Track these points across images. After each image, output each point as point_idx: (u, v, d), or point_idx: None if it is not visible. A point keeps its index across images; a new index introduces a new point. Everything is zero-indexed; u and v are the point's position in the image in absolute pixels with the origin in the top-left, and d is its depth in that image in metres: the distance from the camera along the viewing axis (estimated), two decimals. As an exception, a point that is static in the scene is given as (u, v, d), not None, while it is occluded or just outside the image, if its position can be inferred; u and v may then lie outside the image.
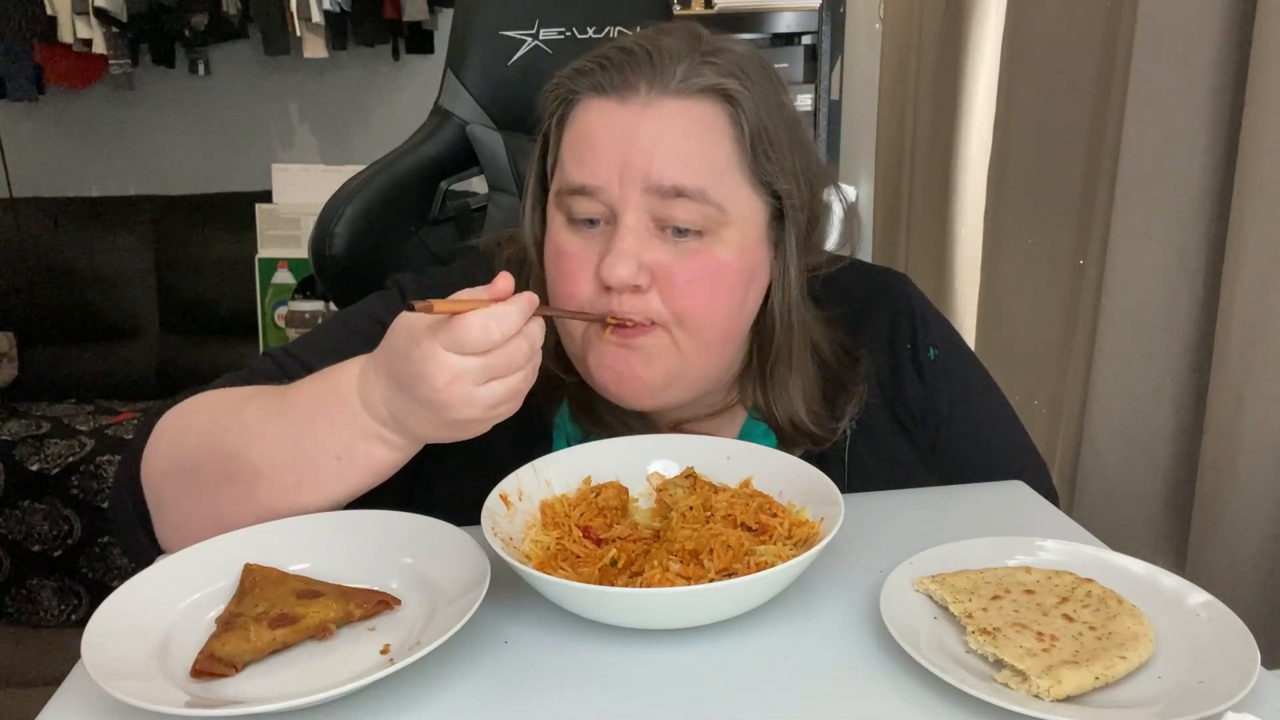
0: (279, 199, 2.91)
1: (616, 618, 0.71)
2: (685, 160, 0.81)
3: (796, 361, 0.91)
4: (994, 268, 1.93)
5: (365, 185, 1.31)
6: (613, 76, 0.83)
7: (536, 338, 0.72)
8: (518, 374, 0.71)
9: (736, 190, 0.84)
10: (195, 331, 3.10)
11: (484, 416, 0.72)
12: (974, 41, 2.11)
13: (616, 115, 0.82)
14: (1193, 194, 1.38)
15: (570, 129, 0.86)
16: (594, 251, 0.83)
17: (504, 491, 0.81)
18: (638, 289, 0.82)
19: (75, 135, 3.28)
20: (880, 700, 0.65)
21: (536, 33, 1.36)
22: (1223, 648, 0.66)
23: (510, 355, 0.70)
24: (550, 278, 0.87)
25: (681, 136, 0.82)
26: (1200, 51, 1.34)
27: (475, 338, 0.68)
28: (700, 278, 0.82)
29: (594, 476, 0.86)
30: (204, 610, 0.73)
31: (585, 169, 0.83)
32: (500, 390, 0.71)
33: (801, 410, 0.92)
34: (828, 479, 0.80)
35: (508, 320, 0.69)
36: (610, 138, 0.82)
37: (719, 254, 0.83)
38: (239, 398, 0.83)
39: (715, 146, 0.83)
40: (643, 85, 0.82)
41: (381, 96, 3.27)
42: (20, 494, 2.53)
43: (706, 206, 0.82)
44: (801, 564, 0.71)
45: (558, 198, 0.86)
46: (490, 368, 0.69)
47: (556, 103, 0.87)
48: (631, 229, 0.81)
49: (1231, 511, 1.32)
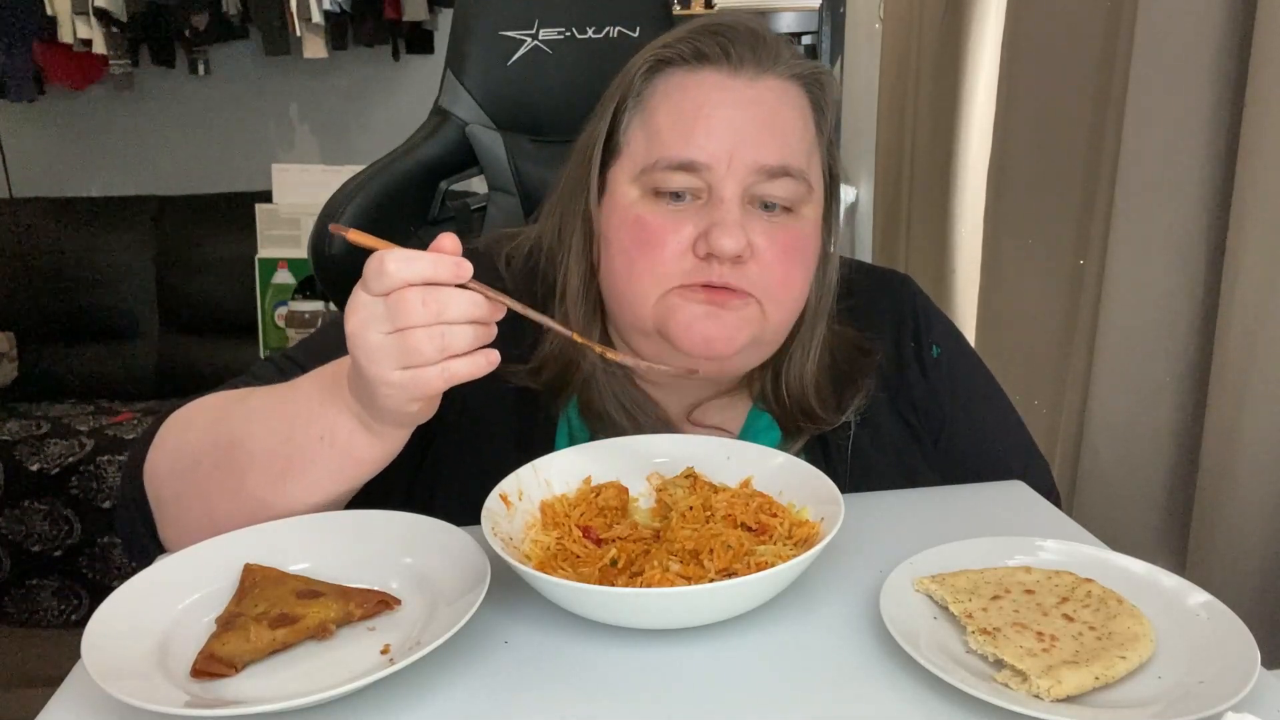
0: (279, 199, 2.91)
1: (616, 618, 0.71)
2: (790, 141, 0.85)
3: (814, 343, 0.93)
4: (994, 268, 1.93)
5: (365, 185, 1.31)
6: (723, 47, 0.84)
7: (457, 307, 0.66)
8: (425, 334, 0.65)
9: (816, 172, 0.88)
10: (195, 331, 3.10)
11: (397, 380, 0.67)
12: (974, 41, 2.11)
13: (728, 89, 0.84)
14: (1193, 194, 1.38)
15: (667, 100, 0.85)
16: (684, 223, 0.83)
17: (504, 491, 0.81)
18: (739, 259, 0.83)
19: (75, 135, 3.28)
20: (880, 700, 0.65)
21: (536, 33, 1.36)
22: (1223, 648, 0.66)
23: (409, 305, 0.65)
24: (625, 252, 0.86)
25: (788, 118, 0.85)
26: (1200, 51, 1.34)
27: (373, 269, 0.65)
28: (790, 250, 0.85)
29: (594, 476, 0.86)
30: (204, 610, 0.73)
31: (695, 144, 0.83)
32: (404, 348, 0.66)
33: (810, 394, 0.93)
34: (828, 479, 0.80)
35: (413, 263, 0.65)
36: (722, 111, 0.83)
37: (804, 228, 0.87)
38: (244, 393, 0.84)
39: (808, 129, 0.87)
40: (749, 61, 0.84)
41: (381, 96, 3.27)
42: (20, 494, 2.53)
43: (801, 184, 0.85)
44: (802, 564, 0.71)
45: (644, 174, 0.84)
46: (393, 316, 0.65)
47: (642, 75, 0.87)
48: (736, 202, 0.83)
49: (1231, 511, 1.32)
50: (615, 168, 0.88)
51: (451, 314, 0.66)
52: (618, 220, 0.86)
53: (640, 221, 0.84)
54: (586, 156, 0.90)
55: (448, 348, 0.66)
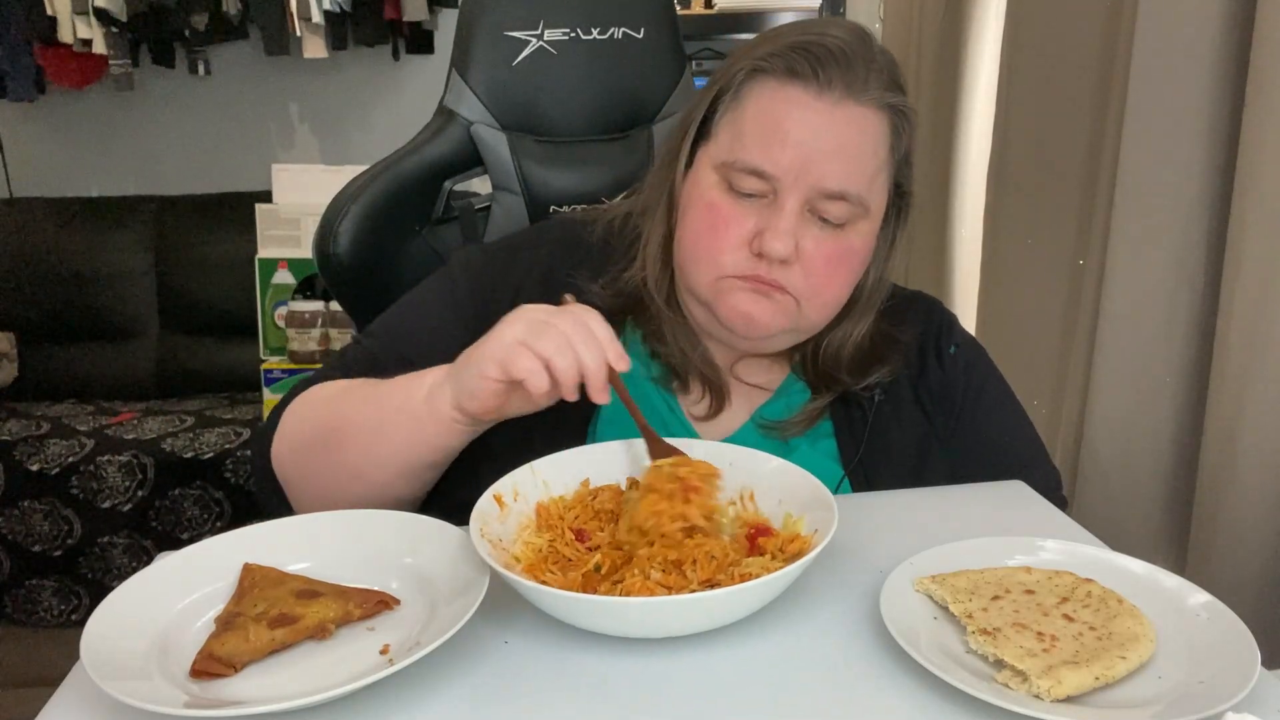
0: (279, 199, 2.91)
1: (593, 624, 0.71)
2: (854, 170, 0.90)
3: (856, 332, 1.01)
4: (994, 268, 1.93)
5: (369, 184, 1.31)
6: (815, 69, 0.89)
7: (589, 351, 0.78)
8: (558, 336, 0.77)
9: (879, 191, 0.94)
10: (195, 331, 3.10)
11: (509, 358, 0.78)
12: (974, 41, 2.11)
13: (811, 109, 0.89)
14: (1193, 194, 1.38)
15: (755, 105, 0.92)
16: (748, 218, 0.91)
17: (498, 492, 0.81)
18: (786, 262, 0.91)
19: (75, 135, 3.28)
20: (880, 700, 0.65)
21: (541, 33, 1.36)
22: (1223, 648, 0.66)
23: (563, 325, 0.78)
24: (694, 229, 0.94)
25: (858, 146, 0.91)
26: (1200, 51, 1.34)
27: (588, 319, 0.80)
28: (835, 259, 0.93)
29: (592, 479, 0.86)
30: (203, 610, 0.73)
31: (769, 156, 0.90)
32: (537, 330, 0.78)
33: (843, 371, 1.01)
34: (826, 490, 0.80)
35: (602, 322, 0.80)
36: (800, 130, 0.89)
37: (853, 241, 0.94)
38: (349, 385, 0.96)
39: (878, 155, 0.92)
40: (838, 84, 0.89)
41: (381, 96, 3.27)
42: (20, 494, 2.53)
43: (856, 207, 0.92)
44: (785, 578, 0.69)
45: (724, 167, 0.92)
46: (545, 322, 0.78)
47: (743, 74, 0.93)
48: (794, 213, 0.90)
49: (1231, 511, 1.32)
50: (704, 150, 0.96)
51: (583, 350, 0.78)
52: (695, 197, 0.95)
53: (713, 206, 0.93)
54: (684, 132, 0.98)
55: (555, 357, 0.77)
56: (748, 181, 0.91)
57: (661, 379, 1.02)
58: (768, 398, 1.03)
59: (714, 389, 1.01)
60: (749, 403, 1.03)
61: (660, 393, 1.02)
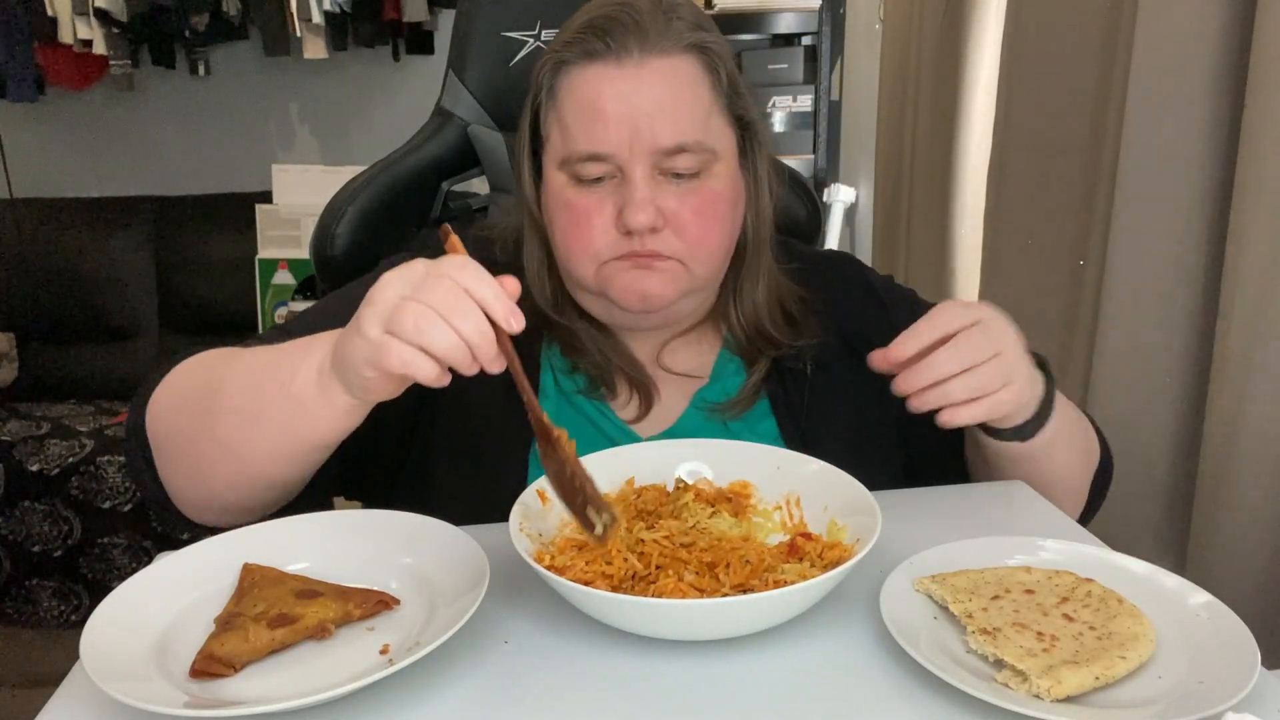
0: (279, 199, 2.91)
1: (624, 624, 0.70)
2: (682, 119, 0.91)
3: (761, 270, 1.02)
4: (994, 268, 1.92)
5: (367, 185, 1.31)
6: (606, 41, 0.91)
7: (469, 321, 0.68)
8: (424, 314, 0.68)
9: (720, 130, 0.95)
10: (195, 331, 3.10)
11: (372, 337, 0.69)
12: (974, 41, 2.11)
13: (616, 79, 0.90)
14: (1193, 194, 1.38)
15: (570, 97, 0.93)
16: (605, 203, 0.92)
17: (541, 488, 0.81)
18: (655, 229, 0.92)
19: (75, 135, 3.28)
20: (880, 700, 0.65)
21: (538, 34, 1.36)
22: (1223, 648, 0.66)
23: (438, 288, 0.68)
24: (562, 230, 0.95)
25: (675, 96, 0.91)
26: (1200, 51, 1.33)
27: (455, 260, 0.70)
28: (702, 211, 0.93)
29: (637, 478, 0.87)
30: (203, 610, 0.73)
31: (596, 138, 0.91)
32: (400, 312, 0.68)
33: (765, 319, 1.02)
34: (870, 496, 0.80)
35: (479, 278, 0.69)
36: (615, 103, 0.90)
37: (714, 186, 0.94)
38: (238, 350, 0.89)
39: (700, 97, 0.93)
40: (633, 46, 0.90)
41: (381, 97, 3.27)
42: (20, 494, 2.53)
43: (702, 154, 0.92)
44: (822, 586, 0.69)
45: (564, 164, 0.93)
46: (419, 286, 0.69)
47: (548, 73, 0.95)
48: (644, 180, 0.91)
49: (1231, 511, 1.31)
50: (545, 157, 0.97)
51: (459, 321, 0.68)
52: (553, 202, 0.96)
53: (570, 204, 0.94)
54: (520, 147, 1.01)
55: (428, 339, 0.68)
56: (590, 168, 0.92)
57: (587, 389, 1.00)
58: (703, 384, 1.03)
59: (639, 387, 1.01)
60: (684, 390, 1.03)
61: (590, 403, 1.00)
